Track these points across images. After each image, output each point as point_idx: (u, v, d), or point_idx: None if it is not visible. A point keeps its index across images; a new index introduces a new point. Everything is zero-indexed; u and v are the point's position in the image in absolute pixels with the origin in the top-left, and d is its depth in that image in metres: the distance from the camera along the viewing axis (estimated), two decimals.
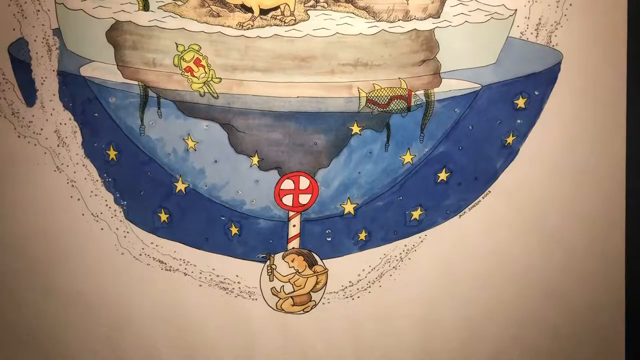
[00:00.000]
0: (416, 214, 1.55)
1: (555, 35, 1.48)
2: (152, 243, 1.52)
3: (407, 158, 1.51)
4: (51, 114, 1.47)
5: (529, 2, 1.47)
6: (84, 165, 1.49)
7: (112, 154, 1.48)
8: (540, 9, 1.48)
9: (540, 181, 1.54)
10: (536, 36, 1.49)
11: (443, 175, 1.53)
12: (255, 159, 1.50)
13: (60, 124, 1.47)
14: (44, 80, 1.45)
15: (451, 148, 1.51)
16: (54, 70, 1.45)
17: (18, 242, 1.50)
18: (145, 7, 1.45)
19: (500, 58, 1.48)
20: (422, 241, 1.55)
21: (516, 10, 1.47)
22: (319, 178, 1.51)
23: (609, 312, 1.60)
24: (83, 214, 1.50)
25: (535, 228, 1.55)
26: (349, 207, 1.53)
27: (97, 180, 1.49)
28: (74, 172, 1.49)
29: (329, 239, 1.54)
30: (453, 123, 1.50)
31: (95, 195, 1.50)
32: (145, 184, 1.50)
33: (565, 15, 1.48)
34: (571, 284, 1.59)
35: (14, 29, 1.43)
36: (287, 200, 1.52)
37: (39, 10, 1.43)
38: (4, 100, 1.46)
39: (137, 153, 1.48)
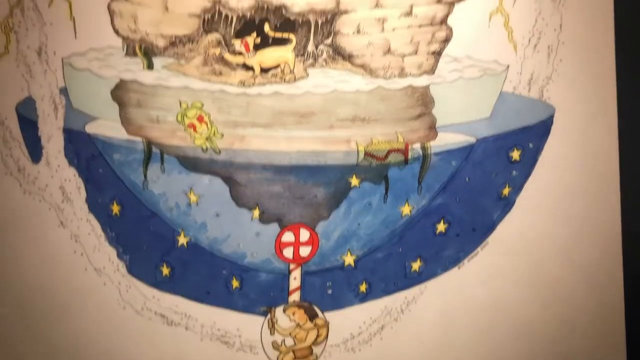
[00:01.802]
0: (416, 266, 1.56)
1: (547, 90, 1.53)
2: (154, 297, 1.53)
3: (406, 210, 1.54)
4: (56, 170, 1.50)
5: (520, 58, 1.52)
6: (87, 220, 1.51)
7: (116, 208, 1.51)
8: (531, 64, 1.53)
9: (537, 232, 1.56)
10: (529, 90, 1.54)
11: (441, 227, 1.55)
12: (256, 212, 1.52)
13: (65, 180, 1.50)
14: (50, 138, 1.49)
15: (449, 200, 1.54)
16: (59, 128, 1.49)
17: (21, 296, 1.51)
18: (150, 67, 1.51)
19: (494, 112, 1.53)
20: (422, 293, 1.56)
21: (508, 66, 1.52)
22: (319, 230, 1.53)
23: None
24: (86, 269, 1.51)
25: (534, 278, 1.57)
26: (349, 259, 1.55)
27: (100, 235, 1.51)
28: (78, 227, 1.51)
29: (330, 292, 1.55)
30: (450, 175, 1.53)
31: (99, 250, 1.51)
32: (148, 238, 1.52)
33: (555, 70, 1.54)
34: (571, 333, 1.59)
35: (22, 89, 1.48)
36: (288, 252, 1.53)
37: (46, 71, 1.48)
38: (11, 157, 1.50)
39: (140, 208, 1.51)
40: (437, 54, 1.52)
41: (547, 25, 1.52)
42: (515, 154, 1.54)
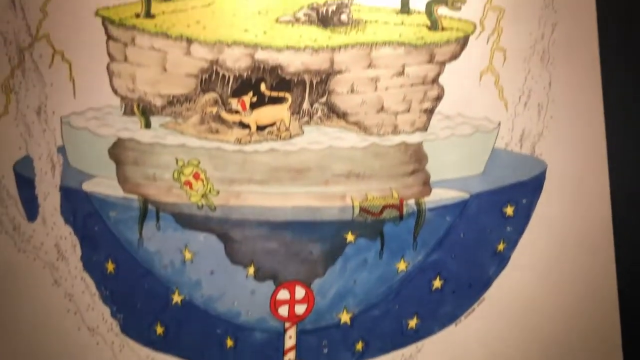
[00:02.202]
0: (412, 323, 1.54)
1: (539, 146, 1.56)
2: (147, 357, 1.50)
3: (402, 266, 1.54)
4: (52, 229, 1.50)
5: (511, 115, 1.56)
6: (82, 278, 1.50)
7: (110, 267, 1.50)
8: (522, 121, 1.56)
9: (533, 286, 1.55)
10: (520, 147, 1.56)
11: (437, 283, 1.54)
12: (252, 269, 1.51)
13: (61, 238, 1.50)
14: (47, 196, 1.50)
15: (444, 256, 1.54)
16: (56, 186, 1.50)
17: (14, 357, 1.49)
18: (147, 126, 1.53)
19: (487, 168, 1.55)
20: (419, 351, 1.54)
21: (500, 123, 1.55)
22: (315, 287, 1.52)
23: None
24: (79, 328, 1.49)
25: (531, 334, 1.55)
26: (345, 317, 1.53)
27: (94, 294, 1.50)
28: (72, 286, 1.50)
29: (326, 351, 1.52)
30: (445, 231, 1.54)
31: (92, 308, 1.50)
32: (142, 297, 1.50)
33: (547, 127, 1.56)
34: None
35: (20, 148, 1.50)
36: (283, 310, 1.52)
37: (45, 130, 1.51)
38: (6, 216, 1.50)
39: (135, 266, 1.50)
40: (430, 112, 1.55)
41: (536, 84, 1.56)
42: (509, 210, 1.55)
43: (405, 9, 1.57)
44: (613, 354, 1.56)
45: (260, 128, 1.54)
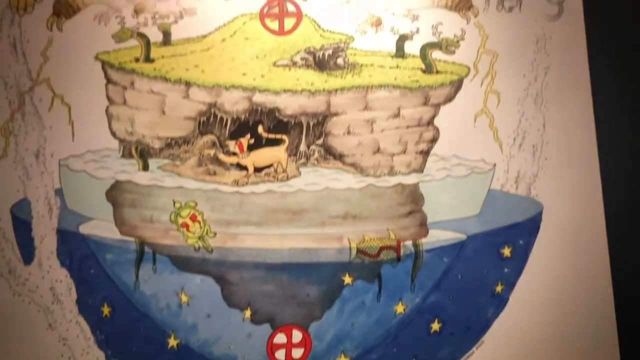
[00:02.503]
0: None
1: (535, 187, 1.57)
2: None
3: (400, 308, 1.52)
4: (48, 272, 1.49)
5: (506, 157, 1.57)
6: (77, 322, 1.48)
7: (106, 310, 1.49)
8: (517, 162, 1.57)
9: (532, 328, 1.54)
10: (516, 188, 1.57)
11: (436, 326, 1.53)
12: (248, 312, 1.50)
13: (56, 281, 1.49)
14: (43, 239, 1.49)
15: (442, 298, 1.53)
16: (53, 229, 1.50)
17: None
18: (145, 168, 1.54)
19: (483, 209, 1.55)
20: None
21: (495, 164, 1.57)
22: (312, 331, 1.50)
23: None
24: None
25: None
26: None
27: (89, 338, 1.48)
28: (67, 330, 1.48)
29: None
30: (442, 272, 1.53)
31: (87, 353, 1.47)
32: (138, 341, 1.48)
33: (542, 168, 1.58)
34: None
35: (18, 191, 1.50)
36: (280, 355, 1.49)
37: (43, 173, 1.51)
38: (2, 258, 1.49)
39: (131, 309, 1.49)
40: (425, 153, 1.57)
41: (530, 126, 1.58)
42: (506, 251, 1.55)
43: (400, 52, 1.60)
44: None
45: (257, 170, 1.55)
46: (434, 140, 1.56)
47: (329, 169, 1.57)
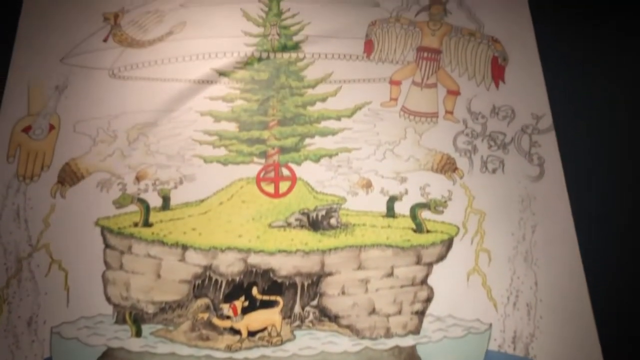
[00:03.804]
0: None
1: (533, 347, 1.53)
2: None
3: None
4: None
5: (502, 316, 1.56)
6: None
7: None
8: (513, 322, 1.55)
9: None
10: (514, 349, 1.53)
11: None
12: None
13: None
14: None
15: None
16: None
17: None
18: (138, 334, 1.52)
19: None
20: None
21: (491, 324, 1.55)
22: None
23: None
24: None
25: None
26: None
27: None
28: None
29: None
30: None
31: None
32: None
33: (538, 327, 1.55)
34: None
35: None
36: None
37: (33, 341, 1.49)
38: None
39: None
40: (421, 314, 1.56)
41: (523, 284, 1.58)
42: None
43: (390, 213, 1.66)
44: None
45: (251, 333, 1.53)
46: (428, 300, 1.56)
47: (324, 331, 1.54)
